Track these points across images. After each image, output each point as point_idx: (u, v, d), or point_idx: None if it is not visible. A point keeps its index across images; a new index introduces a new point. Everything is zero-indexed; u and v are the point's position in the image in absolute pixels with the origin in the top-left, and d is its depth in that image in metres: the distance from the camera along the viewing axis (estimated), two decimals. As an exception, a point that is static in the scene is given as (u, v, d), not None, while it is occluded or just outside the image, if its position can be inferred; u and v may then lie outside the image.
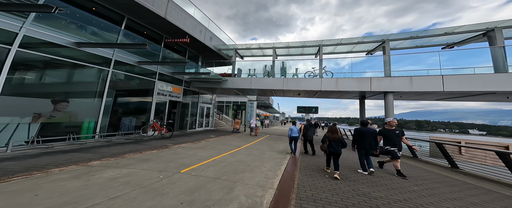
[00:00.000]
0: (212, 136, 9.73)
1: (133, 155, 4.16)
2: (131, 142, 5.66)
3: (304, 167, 4.62)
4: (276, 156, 5.81)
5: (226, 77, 11.38)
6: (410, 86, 7.89)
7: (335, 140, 3.79)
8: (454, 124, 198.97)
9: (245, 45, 12.34)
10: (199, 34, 10.07)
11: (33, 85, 4.48)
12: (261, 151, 6.59)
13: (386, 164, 4.92)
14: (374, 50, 11.34)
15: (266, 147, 7.48)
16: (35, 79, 4.53)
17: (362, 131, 4.14)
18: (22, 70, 4.27)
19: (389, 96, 8.34)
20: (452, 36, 8.73)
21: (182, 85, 10.58)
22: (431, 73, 7.95)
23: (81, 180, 2.64)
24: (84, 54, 5.27)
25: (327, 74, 10.98)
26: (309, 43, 11.58)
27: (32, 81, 4.49)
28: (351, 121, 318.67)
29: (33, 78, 4.51)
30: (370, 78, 8.75)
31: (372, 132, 4.10)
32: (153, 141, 6.31)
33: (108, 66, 5.85)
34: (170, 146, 5.70)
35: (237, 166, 4.20)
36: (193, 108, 12.11)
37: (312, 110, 12.14)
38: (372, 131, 4.13)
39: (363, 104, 11.75)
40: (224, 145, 7.07)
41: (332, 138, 3.81)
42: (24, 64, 4.28)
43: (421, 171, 4.83)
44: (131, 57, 6.91)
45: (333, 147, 3.77)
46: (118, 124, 6.37)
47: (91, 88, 5.54)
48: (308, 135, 5.97)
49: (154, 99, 8.02)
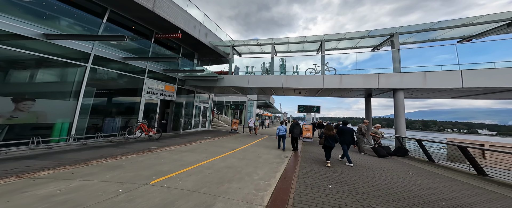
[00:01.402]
0: (207, 137, 9.17)
1: (102, 162, 3.60)
2: (110, 145, 5.11)
3: (303, 174, 3.97)
4: (273, 161, 5.18)
5: (223, 75, 10.80)
6: (423, 83, 7.12)
7: (330, 136, 4.65)
8: (463, 124, 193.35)
9: (242, 42, 11.75)
10: (193, 29, 9.52)
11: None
12: (257, 154, 5.97)
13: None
14: (381, 45, 10.56)
15: (263, 150, 6.86)
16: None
17: (343, 129, 5.17)
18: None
19: (399, 93, 7.58)
20: (469, 28, 7.90)
21: (175, 84, 10.05)
22: (445, 69, 7.17)
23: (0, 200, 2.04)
24: (55, 47, 4.74)
25: (329, 71, 10.27)
26: (310, 38, 10.89)
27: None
28: (355, 121, 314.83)
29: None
30: (377, 75, 8.00)
31: (349, 130, 5.15)
32: (138, 143, 5.76)
33: (86, 61, 5.33)
34: (154, 149, 5.13)
35: (224, 174, 3.59)
36: (188, 108, 11.57)
37: (314, 110, 11.43)
38: (350, 129, 5.19)
39: (369, 103, 10.98)
40: (217, 147, 6.48)
41: (328, 135, 4.66)
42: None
43: (444, 180, 4.10)
44: (116, 53, 6.39)
45: (328, 141, 4.65)
46: (101, 125, 5.85)
47: (64, 85, 5.02)
48: (294, 132, 6.56)
49: (143, 98, 7.49)
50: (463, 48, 7.71)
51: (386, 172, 4.49)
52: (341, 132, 5.10)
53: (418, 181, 3.85)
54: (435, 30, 8.24)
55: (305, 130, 10.18)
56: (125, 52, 6.65)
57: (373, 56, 23.61)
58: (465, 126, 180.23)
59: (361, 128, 7.18)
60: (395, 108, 7.56)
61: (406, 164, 5.57)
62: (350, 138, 5.03)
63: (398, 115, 7.38)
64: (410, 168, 5.02)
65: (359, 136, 7.09)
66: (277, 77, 10.00)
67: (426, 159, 6.05)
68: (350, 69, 9.66)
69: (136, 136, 6.57)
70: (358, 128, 7.19)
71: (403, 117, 7.34)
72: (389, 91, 8.34)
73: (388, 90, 8.05)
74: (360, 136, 7.11)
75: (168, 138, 7.51)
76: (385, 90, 8.28)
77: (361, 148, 7.01)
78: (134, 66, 7.21)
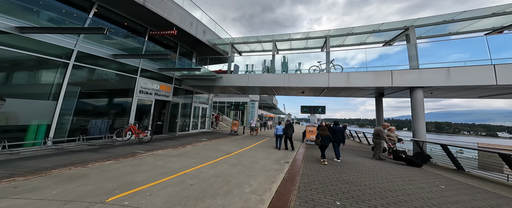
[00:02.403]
0: (204, 139, 8.64)
1: (66, 171, 3.09)
2: (91, 150, 4.63)
3: (305, 185, 3.30)
4: (271, 167, 4.53)
5: (221, 74, 10.31)
6: (446, 80, 6.22)
7: (325, 136, 5.10)
8: (480, 126, 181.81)
9: (242, 39, 11.22)
10: (189, 26, 9.11)
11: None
12: (254, 158, 5.35)
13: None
14: (393, 40, 9.65)
15: (262, 153, 6.22)
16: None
17: (334, 128, 5.58)
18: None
19: (417, 92, 6.69)
20: (499, 19, 6.89)
21: (172, 83, 9.65)
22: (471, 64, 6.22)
23: None
24: (32, 42, 4.34)
25: (335, 69, 9.51)
26: (313, 35, 10.20)
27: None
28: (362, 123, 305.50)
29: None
30: (390, 72, 7.16)
31: (340, 130, 5.57)
32: (124, 147, 5.28)
33: (68, 58, 4.96)
34: (138, 154, 4.62)
35: (210, 185, 2.99)
36: (186, 109, 11.14)
37: (318, 110, 10.63)
38: (341, 129, 5.63)
39: (380, 104, 10.06)
40: (211, 151, 5.92)
41: (323, 135, 5.11)
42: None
43: (489, 196, 3.26)
44: (104, 50, 6.02)
45: (324, 141, 5.09)
46: (87, 127, 5.45)
47: (42, 84, 4.64)
48: (288, 133, 6.84)
49: (135, 98, 7.09)
50: (491, 41, 6.69)
51: (408, 183, 3.72)
52: (332, 131, 5.54)
53: (454, 197, 3.06)
54: (458, 21, 7.28)
55: (309, 132, 9.42)
56: (114, 49, 6.28)
57: (380, 56, 22.38)
58: (483, 128, 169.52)
59: (379, 132, 6.20)
60: (413, 109, 6.67)
61: (430, 173, 4.73)
62: (340, 137, 5.55)
63: (416, 116, 6.50)
64: (437, 178, 4.20)
65: (376, 141, 6.21)
66: (279, 76, 9.36)
67: (452, 167, 5.16)
68: (358, 67, 8.85)
69: (126, 139, 6.13)
70: (375, 132, 6.24)
71: (422, 118, 6.44)
72: (404, 90, 7.45)
73: (404, 88, 7.18)
74: (377, 141, 6.19)
75: (161, 141, 7.04)
76: (400, 89, 7.41)
77: (376, 154, 6.15)
78: (126, 64, 6.83)
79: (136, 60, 7.24)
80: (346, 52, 11.26)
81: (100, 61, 5.90)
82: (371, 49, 10.16)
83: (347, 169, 4.66)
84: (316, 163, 5.27)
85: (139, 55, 6.70)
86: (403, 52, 7.86)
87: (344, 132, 5.73)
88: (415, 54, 7.21)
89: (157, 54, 7.06)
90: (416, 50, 7.30)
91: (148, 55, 6.76)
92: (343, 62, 14.95)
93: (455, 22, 7.39)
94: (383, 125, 6.73)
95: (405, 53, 7.61)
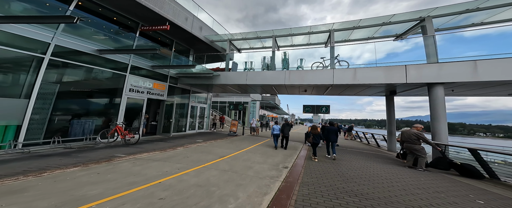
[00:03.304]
0: (200, 140, 8.13)
1: (9, 182, 2.54)
2: (63, 154, 4.13)
3: (303, 198, 2.69)
4: (266, 174, 3.93)
5: (219, 72, 9.79)
6: (473, 74, 5.37)
7: (316, 135, 5.53)
8: (497, 128, 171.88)
9: (240, 35, 10.67)
10: (184, 21, 8.65)
11: None
12: (249, 163, 4.77)
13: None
14: (406, 33, 8.74)
15: (259, 157, 5.63)
16: None
17: (328, 128, 5.89)
18: None
19: (436, 89, 5.86)
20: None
21: (166, 82, 9.22)
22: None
23: None
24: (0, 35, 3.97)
25: (340, 65, 8.77)
26: (316, 29, 9.49)
27: None
28: (369, 123, 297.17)
29: None
30: (404, 67, 6.37)
31: (334, 129, 5.87)
32: (104, 150, 4.81)
33: (43, 53, 4.57)
34: (116, 158, 4.12)
35: (184, 200, 2.43)
36: (183, 108, 10.69)
37: (322, 110, 9.89)
38: (334, 129, 5.92)
39: (392, 103, 9.18)
40: (203, 154, 5.38)
41: (314, 133, 5.53)
42: None
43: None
44: (89, 45, 5.62)
45: (315, 139, 5.50)
46: (68, 129, 5.03)
47: (10, 80, 4.26)
48: (285, 132, 7.06)
49: (124, 97, 6.66)
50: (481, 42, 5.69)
51: (434, 196, 3.00)
52: (326, 131, 5.86)
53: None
54: (484, 9, 6.32)
55: (313, 134, 8.72)
56: (100, 45, 5.87)
57: (388, 55, 21.04)
58: (500, 130, 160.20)
59: (419, 135, 4.75)
60: (432, 108, 5.84)
61: (458, 182, 3.95)
62: (334, 136, 5.82)
63: (436, 116, 5.67)
64: (469, 190, 3.44)
65: (417, 147, 4.75)
66: (279, 73, 8.71)
67: (486, 175, 4.33)
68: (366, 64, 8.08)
69: (111, 141, 5.69)
70: (411, 135, 4.87)
71: (443, 119, 5.60)
72: (421, 87, 6.62)
73: (421, 85, 6.35)
74: (419, 148, 4.73)
75: (151, 142, 6.57)
76: (416, 86, 6.58)
77: (420, 163, 4.72)
78: (114, 61, 6.41)
79: (126, 57, 6.82)
80: (351, 51, 10.64)
81: (84, 57, 5.49)
82: (378, 48, 9.30)
83: (356, 177, 3.97)
84: (319, 168, 4.60)
85: (125, 50, 6.27)
86: (413, 50, 7.16)
87: (337, 132, 5.95)
88: (434, 47, 6.38)
89: (145, 49, 6.60)
90: (434, 42, 6.46)
91: (135, 50, 6.31)
92: (348, 60, 14.06)
93: (480, 11, 6.46)
94: (415, 126, 5.17)
95: (415, 51, 6.84)
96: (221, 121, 13.67)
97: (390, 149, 8.79)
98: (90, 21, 5.65)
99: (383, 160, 6.11)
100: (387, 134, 9.16)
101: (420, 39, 7.24)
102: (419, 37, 7.69)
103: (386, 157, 6.93)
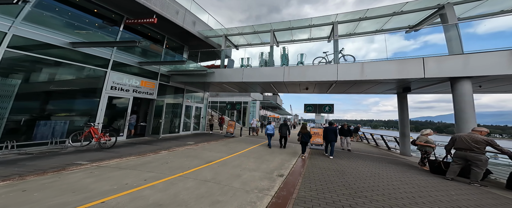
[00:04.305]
0: (191, 142, 7.48)
1: None
2: (9, 161, 3.42)
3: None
4: (256, 185, 3.23)
5: (214, 69, 9.14)
6: (509, 66, 4.44)
7: (305, 134, 5.91)
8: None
9: (236, 29, 9.99)
10: (175, 15, 8.05)
11: None
12: (239, 170, 4.08)
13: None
14: (420, 23, 7.77)
15: (252, 162, 4.92)
16: None
17: (327, 128, 6.17)
18: None
19: (462, 84, 4.94)
20: None
21: (157, 80, 8.63)
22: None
23: None
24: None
25: (345, 59, 7.92)
26: (318, 21, 8.68)
27: None
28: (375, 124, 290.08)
29: None
30: (422, 59, 5.49)
31: (333, 130, 6.13)
32: (66, 156, 4.16)
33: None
34: (73, 167, 3.44)
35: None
36: (176, 108, 10.09)
37: (325, 109, 9.04)
38: (334, 129, 6.19)
39: (404, 101, 8.22)
40: (187, 159, 4.72)
41: (303, 132, 5.93)
42: None
43: None
44: (58, 36, 5.03)
45: (304, 138, 5.89)
46: (32, 130, 4.43)
47: None
48: (282, 132, 7.20)
49: (105, 95, 6.07)
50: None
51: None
52: (325, 131, 6.08)
53: None
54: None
55: (314, 135, 7.90)
56: (73, 37, 5.29)
57: (394, 54, 19.10)
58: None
59: (482, 143, 3.62)
60: (457, 107, 4.90)
61: (498, 196, 3.06)
62: (333, 136, 5.97)
63: (463, 116, 4.74)
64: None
65: (483, 157, 3.62)
66: (278, 69, 7.96)
67: None
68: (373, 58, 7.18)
69: (85, 144, 5.09)
70: (474, 140, 3.71)
71: (473, 119, 4.66)
72: (442, 82, 5.69)
73: (442, 80, 5.44)
74: (485, 158, 3.64)
75: (133, 145, 5.94)
76: (436, 81, 5.66)
77: (475, 176, 3.68)
78: (93, 55, 5.82)
79: (108, 52, 6.25)
80: (356, 51, 9.88)
81: (54, 50, 4.93)
82: (383, 47, 8.36)
83: (368, 189, 3.17)
84: (320, 177, 3.82)
85: (100, 42, 5.68)
86: (422, 48, 6.37)
87: (336, 132, 6.11)
88: (457, 37, 5.45)
89: (122, 41, 5.99)
90: (458, 32, 5.53)
91: (112, 43, 5.69)
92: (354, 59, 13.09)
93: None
94: (478, 130, 3.86)
95: (424, 49, 6.19)
96: (221, 122, 12.54)
97: (403, 153, 7.83)
98: (57, 9, 5.08)
99: (400, 166, 5.21)
100: (399, 136, 8.20)
101: (430, 37, 6.57)
102: (429, 35, 6.75)
103: (401, 162, 6.02)
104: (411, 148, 7.66)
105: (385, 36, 7.59)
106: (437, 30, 11.48)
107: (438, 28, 6.71)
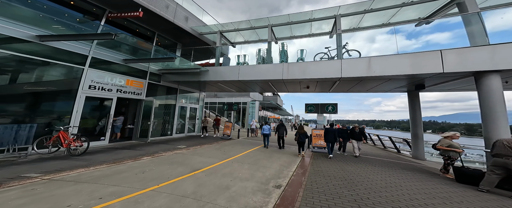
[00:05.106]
0: (182, 146, 6.82)
1: None
2: None
3: None
4: (245, 202, 2.66)
5: (208, 67, 8.52)
6: None
7: (302, 134, 6.13)
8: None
9: (232, 25, 9.39)
10: (164, 9, 7.47)
11: None
12: (229, 179, 3.46)
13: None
14: (433, 14, 7.04)
15: (247, 169, 4.28)
16: None
17: (328, 129, 6.16)
18: None
19: (490, 80, 4.23)
20: None
21: (146, 79, 8.02)
22: None
23: None
24: None
25: (350, 54, 7.24)
26: (318, 14, 8.04)
27: None
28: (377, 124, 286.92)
29: None
30: (439, 52, 4.80)
31: (333, 130, 6.10)
32: (19, 166, 3.46)
33: None
34: (14, 182, 2.76)
35: None
36: (169, 109, 9.46)
37: (328, 109, 8.33)
38: (334, 130, 6.17)
39: (416, 99, 7.48)
40: (170, 167, 4.08)
41: (300, 133, 6.14)
42: None
43: None
44: (26, 30, 4.44)
45: (301, 138, 6.10)
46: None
47: None
48: (280, 132, 7.22)
49: (81, 95, 5.43)
50: None
51: None
52: (326, 132, 6.12)
53: None
54: None
55: (316, 137, 7.20)
56: (41, 30, 4.69)
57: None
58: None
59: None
60: (484, 105, 4.18)
61: None
62: (332, 137, 5.98)
63: (492, 115, 4.03)
64: None
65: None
66: (276, 66, 7.31)
67: None
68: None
69: (53, 150, 4.44)
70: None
71: (504, 118, 3.94)
72: (463, 78, 4.96)
73: (464, 75, 4.72)
74: None
75: (113, 150, 5.28)
76: (457, 76, 4.94)
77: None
78: (66, 51, 5.15)
79: (85, 47, 5.63)
80: (360, 48, 8.90)
81: (17, 45, 4.31)
82: (384, 47, 7.68)
83: (381, 202, 2.48)
84: (325, 187, 3.13)
85: (71, 35, 5.05)
86: (423, 48, 5.35)
87: (335, 133, 6.10)
88: (481, 26, 4.76)
89: (96, 34, 5.36)
90: (481, 21, 4.83)
91: (84, 36, 5.03)
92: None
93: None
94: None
95: (426, 48, 5.16)
96: (216, 124, 11.41)
97: (416, 156, 7.07)
98: (29, 1, 4.49)
99: (418, 174, 4.46)
100: (411, 137, 7.44)
101: (432, 36, 6.32)
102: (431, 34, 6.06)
103: (418, 168, 5.27)
104: (425, 150, 6.90)
105: (394, 30, 6.85)
106: (440, 29, 10.59)
107: (441, 26, 6.04)
